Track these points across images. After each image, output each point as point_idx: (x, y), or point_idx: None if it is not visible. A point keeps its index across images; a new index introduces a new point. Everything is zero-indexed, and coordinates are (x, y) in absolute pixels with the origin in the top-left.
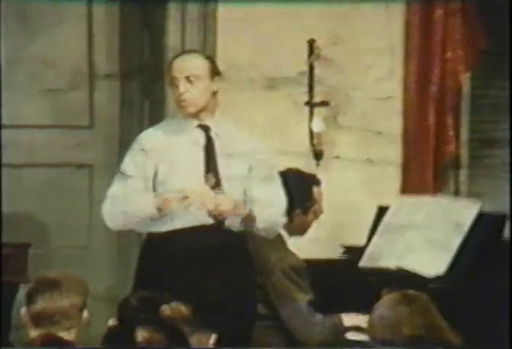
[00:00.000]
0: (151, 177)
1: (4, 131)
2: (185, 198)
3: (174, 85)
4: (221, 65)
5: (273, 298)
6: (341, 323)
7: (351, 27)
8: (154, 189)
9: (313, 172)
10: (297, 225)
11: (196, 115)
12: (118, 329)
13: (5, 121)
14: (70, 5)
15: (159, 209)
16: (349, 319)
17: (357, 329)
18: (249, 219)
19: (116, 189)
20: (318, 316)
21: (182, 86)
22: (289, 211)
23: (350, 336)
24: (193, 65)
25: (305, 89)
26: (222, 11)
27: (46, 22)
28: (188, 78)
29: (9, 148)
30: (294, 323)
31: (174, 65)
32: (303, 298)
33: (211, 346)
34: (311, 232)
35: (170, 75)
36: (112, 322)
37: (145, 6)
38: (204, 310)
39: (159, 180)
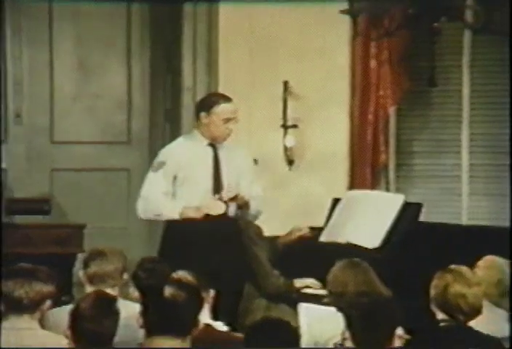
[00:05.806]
0: (171, 181)
1: (68, 146)
2: (198, 208)
3: (223, 121)
4: None
5: (246, 257)
6: (293, 284)
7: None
8: (174, 190)
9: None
10: None
11: None
12: (151, 286)
13: (69, 138)
14: (115, 55)
15: (181, 216)
16: (299, 282)
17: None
18: (246, 206)
19: (147, 190)
20: (276, 271)
21: (232, 124)
22: None
23: (305, 290)
24: (236, 109)
25: (281, 115)
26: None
27: (97, 67)
28: (235, 119)
29: (71, 158)
30: (258, 274)
31: (224, 108)
32: (263, 254)
33: (210, 299)
34: (286, 216)
35: (220, 114)
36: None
37: (168, 55)
38: (210, 274)
39: (178, 183)
